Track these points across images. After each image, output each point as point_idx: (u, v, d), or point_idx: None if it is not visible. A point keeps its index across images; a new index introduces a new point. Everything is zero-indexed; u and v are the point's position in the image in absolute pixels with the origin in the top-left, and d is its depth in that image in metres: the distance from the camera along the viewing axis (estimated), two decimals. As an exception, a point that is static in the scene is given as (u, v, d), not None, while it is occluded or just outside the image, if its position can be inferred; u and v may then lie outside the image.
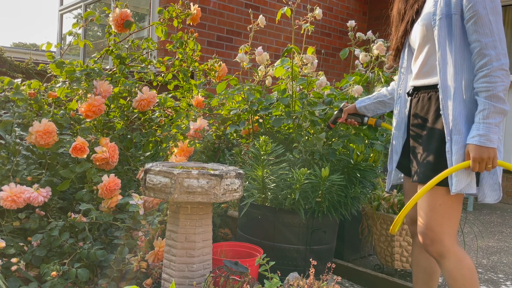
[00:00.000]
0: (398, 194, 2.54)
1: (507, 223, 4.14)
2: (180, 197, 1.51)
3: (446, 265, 1.48)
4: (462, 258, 1.47)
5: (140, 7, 5.66)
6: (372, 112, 1.93)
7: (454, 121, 1.42)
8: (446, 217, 1.47)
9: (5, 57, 3.14)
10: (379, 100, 1.89)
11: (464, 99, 1.43)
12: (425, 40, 1.54)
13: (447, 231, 1.48)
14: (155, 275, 1.86)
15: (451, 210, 1.47)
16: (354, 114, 1.97)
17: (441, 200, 1.47)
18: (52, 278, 1.69)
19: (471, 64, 1.44)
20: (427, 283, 1.73)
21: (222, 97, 2.75)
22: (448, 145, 1.44)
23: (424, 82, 1.57)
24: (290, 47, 2.32)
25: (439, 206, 1.47)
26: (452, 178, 1.43)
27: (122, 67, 2.50)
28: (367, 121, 1.96)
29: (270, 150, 2.02)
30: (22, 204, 1.86)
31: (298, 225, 2.05)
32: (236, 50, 4.92)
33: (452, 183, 1.42)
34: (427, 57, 1.54)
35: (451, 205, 1.47)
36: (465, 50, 1.44)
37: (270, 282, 1.48)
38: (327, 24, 5.92)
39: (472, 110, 1.43)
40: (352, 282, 2.36)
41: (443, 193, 1.46)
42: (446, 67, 1.46)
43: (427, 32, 1.52)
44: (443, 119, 1.45)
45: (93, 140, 2.08)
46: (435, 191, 1.47)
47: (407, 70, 1.69)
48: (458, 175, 1.42)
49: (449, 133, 1.43)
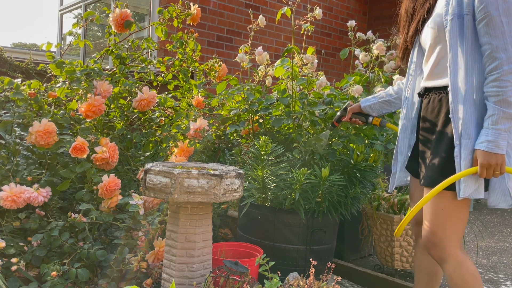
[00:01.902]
0: (398, 194, 2.54)
1: (507, 223, 4.15)
2: (180, 197, 1.51)
3: (447, 269, 1.47)
4: (463, 263, 1.45)
5: (140, 7, 5.66)
6: (377, 111, 1.90)
7: (464, 125, 1.39)
8: (449, 222, 1.45)
9: (5, 57, 3.14)
10: (385, 99, 1.86)
11: (475, 102, 1.40)
12: (436, 40, 1.50)
13: (449, 236, 1.45)
14: (155, 275, 1.86)
15: (455, 215, 1.45)
16: (358, 113, 1.95)
17: (445, 204, 1.45)
18: (52, 278, 1.69)
19: (482, 66, 1.40)
20: (428, 284, 1.72)
21: (222, 97, 2.75)
22: (457, 150, 1.40)
23: (435, 84, 1.53)
24: (290, 47, 2.32)
25: (442, 211, 1.45)
26: (460, 183, 1.40)
27: (122, 67, 2.50)
28: (372, 121, 1.93)
29: (270, 150, 2.02)
30: (22, 204, 1.86)
31: (298, 225, 2.05)
32: (236, 50, 4.92)
33: (460, 188, 1.40)
34: (439, 58, 1.50)
35: (456, 210, 1.44)
36: (477, 52, 1.40)
37: (270, 282, 1.48)
38: (327, 24, 5.92)
39: (483, 114, 1.39)
40: (352, 282, 2.36)
41: (449, 197, 1.44)
42: (457, 69, 1.42)
43: (438, 32, 1.48)
44: (452, 122, 1.41)
45: (93, 140, 2.08)
46: (440, 196, 1.44)
47: (416, 70, 1.65)
48: (466, 180, 1.39)
49: (458, 137, 1.40)
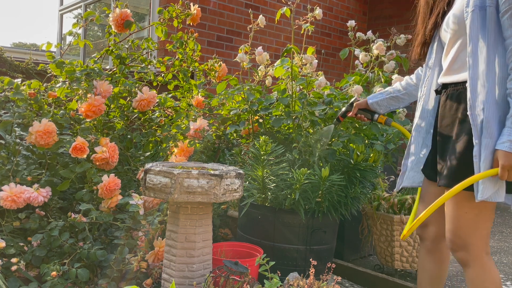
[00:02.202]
0: (398, 194, 2.54)
1: (507, 223, 4.14)
2: (180, 197, 1.51)
3: (469, 273, 1.41)
4: (487, 269, 1.38)
5: (140, 7, 5.66)
6: (385, 108, 1.84)
7: (486, 123, 1.30)
8: (474, 225, 1.38)
9: (5, 57, 3.14)
10: (393, 96, 1.80)
11: (496, 99, 1.31)
12: (456, 34, 1.42)
13: (474, 239, 1.38)
14: (155, 275, 1.86)
15: (479, 218, 1.37)
16: (364, 109, 1.89)
17: (468, 207, 1.37)
18: (52, 278, 1.69)
19: (505, 61, 1.32)
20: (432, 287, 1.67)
21: (222, 97, 2.75)
22: (476, 149, 1.31)
23: (454, 79, 1.45)
24: (290, 47, 2.32)
25: (466, 214, 1.38)
26: (478, 185, 1.31)
27: (122, 67, 2.50)
28: (377, 118, 1.87)
29: (270, 150, 2.02)
30: (22, 204, 1.86)
31: (298, 225, 2.05)
32: (236, 50, 4.92)
33: (478, 190, 1.31)
34: (458, 53, 1.43)
35: (479, 213, 1.37)
36: (500, 46, 1.32)
37: (270, 282, 1.48)
38: (327, 24, 5.92)
39: (506, 112, 1.31)
40: (352, 282, 2.36)
41: (470, 199, 1.36)
42: (477, 63, 1.33)
43: (458, 25, 1.39)
44: (471, 120, 1.33)
45: (93, 140, 2.08)
46: (462, 198, 1.37)
47: (435, 66, 1.56)
48: (485, 182, 1.30)
49: (477, 136, 1.31)
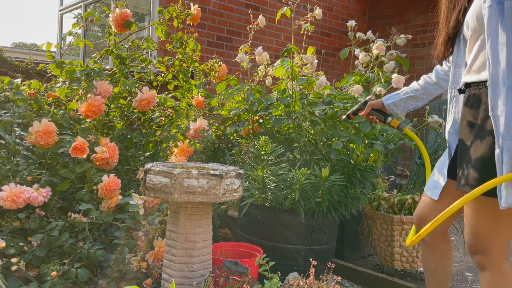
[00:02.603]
0: (398, 194, 2.54)
1: None
2: (180, 197, 1.51)
3: (485, 277, 1.36)
4: (505, 275, 1.33)
5: (140, 7, 5.66)
6: (403, 108, 1.77)
7: (507, 124, 1.23)
8: (494, 231, 1.32)
9: (5, 57, 3.14)
10: (410, 95, 1.73)
11: None
12: (476, 31, 1.36)
13: (494, 244, 1.33)
14: (155, 275, 1.86)
15: (500, 223, 1.31)
16: (378, 110, 1.81)
17: (488, 212, 1.31)
18: (52, 278, 1.69)
19: None
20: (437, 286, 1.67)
21: (222, 97, 2.75)
22: (499, 152, 1.24)
23: (475, 78, 1.39)
24: (290, 47, 2.32)
25: (485, 218, 1.32)
26: (501, 190, 1.23)
27: (122, 67, 2.50)
28: (390, 122, 1.80)
29: (270, 150, 2.02)
30: (22, 204, 1.86)
31: (298, 225, 2.05)
32: (236, 50, 4.92)
33: (501, 196, 1.24)
34: (479, 51, 1.36)
35: (500, 218, 1.30)
36: None
37: (270, 282, 1.48)
38: (327, 24, 5.92)
39: None
40: (352, 282, 2.36)
41: (491, 204, 1.29)
42: (497, 61, 1.27)
43: (477, 22, 1.33)
44: (492, 121, 1.27)
45: (93, 140, 2.08)
46: (482, 203, 1.31)
47: (462, 65, 1.51)
48: (508, 187, 1.22)
49: (499, 138, 1.24)
